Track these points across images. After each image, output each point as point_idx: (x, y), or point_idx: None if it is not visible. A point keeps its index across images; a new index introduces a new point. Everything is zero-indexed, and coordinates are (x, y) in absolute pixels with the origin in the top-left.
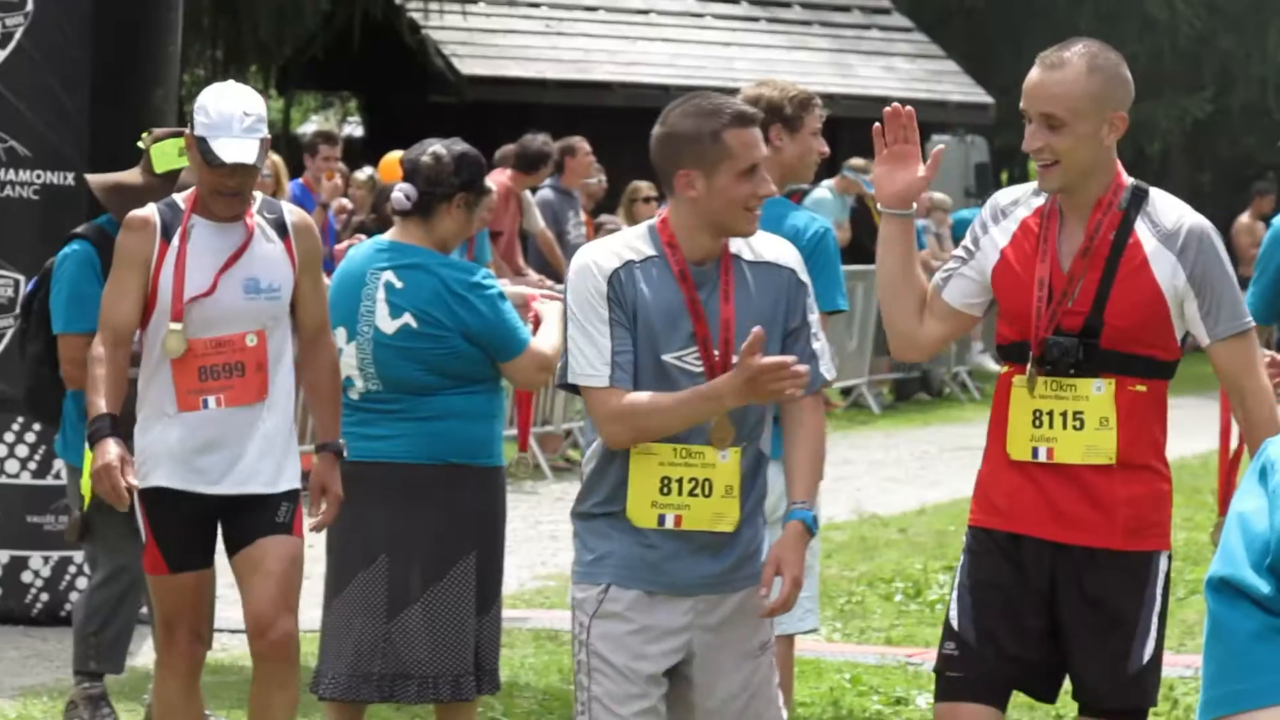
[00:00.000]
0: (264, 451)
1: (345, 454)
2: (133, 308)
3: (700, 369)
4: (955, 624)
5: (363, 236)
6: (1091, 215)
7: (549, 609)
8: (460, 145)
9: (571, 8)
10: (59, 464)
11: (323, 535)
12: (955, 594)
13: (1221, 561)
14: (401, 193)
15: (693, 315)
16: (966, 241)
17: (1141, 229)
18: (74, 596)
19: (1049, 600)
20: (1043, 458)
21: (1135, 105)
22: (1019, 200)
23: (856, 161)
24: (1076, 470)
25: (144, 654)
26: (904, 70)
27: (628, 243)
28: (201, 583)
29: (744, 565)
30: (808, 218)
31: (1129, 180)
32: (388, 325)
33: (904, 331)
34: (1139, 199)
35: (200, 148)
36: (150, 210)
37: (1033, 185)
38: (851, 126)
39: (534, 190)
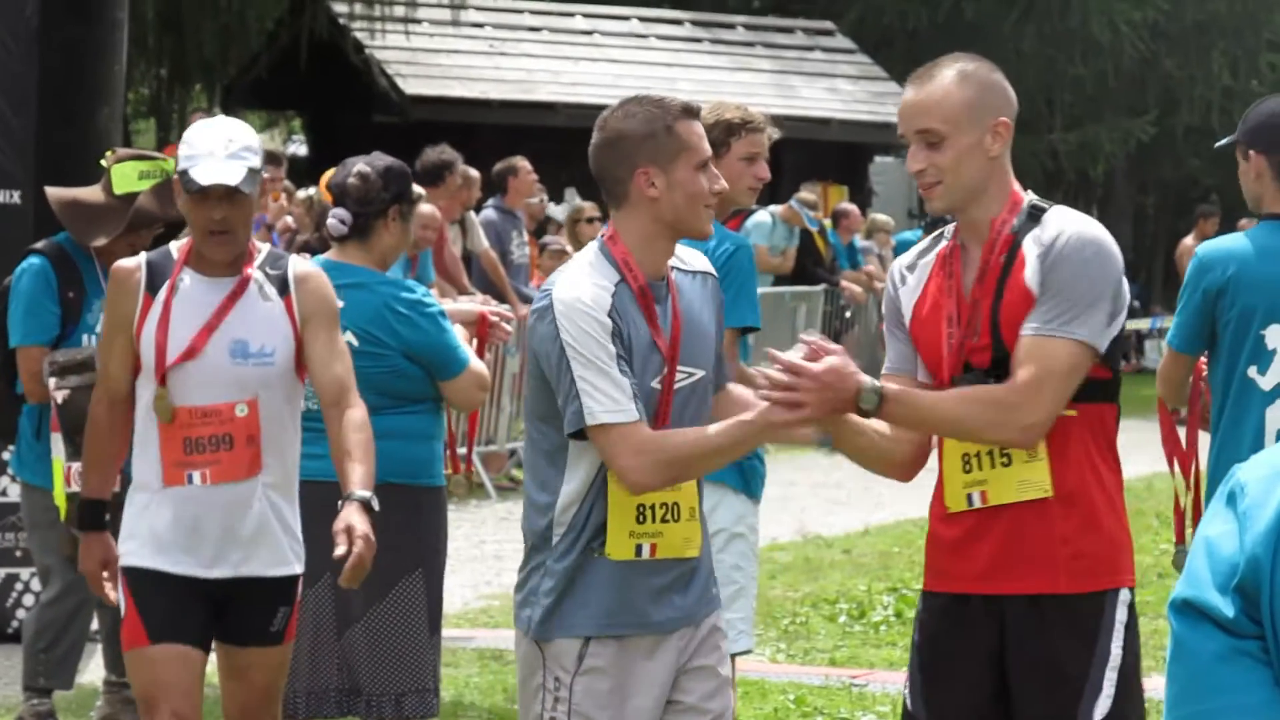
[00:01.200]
0: (258, 535)
1: (375, 508)
2: (121, 367)
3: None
4: (909, 704)
5: (306, 255)
6: (987, 239)
7: (493, 628)
8: (383, 159)
9: (515, 28)
10: (5, 480)
11: None
12: (908, 669)
13: (1186, 584)
14: (335, 218)
15: (657, 335)
16: (886, 313)
17: (1028, 247)
18: (21, 613)
19: (1000, 661)
20: (978, 503)
21: (1079, 128)
22: (922, 251)
23: (806, 196)
24: (1013, 511)
25: (92, 670)
26: (847, 91)
27: (593, 272)
28: (188, 662)
29: (706, 592)
30: (719, 235)
31: (1028, 199)
32: None
33: (905, 461)
34: (1035, 218)
35: (181, 180)
36: (137, 261)
37: (931, 237)
38: (794, 147)
39: (478, 209)
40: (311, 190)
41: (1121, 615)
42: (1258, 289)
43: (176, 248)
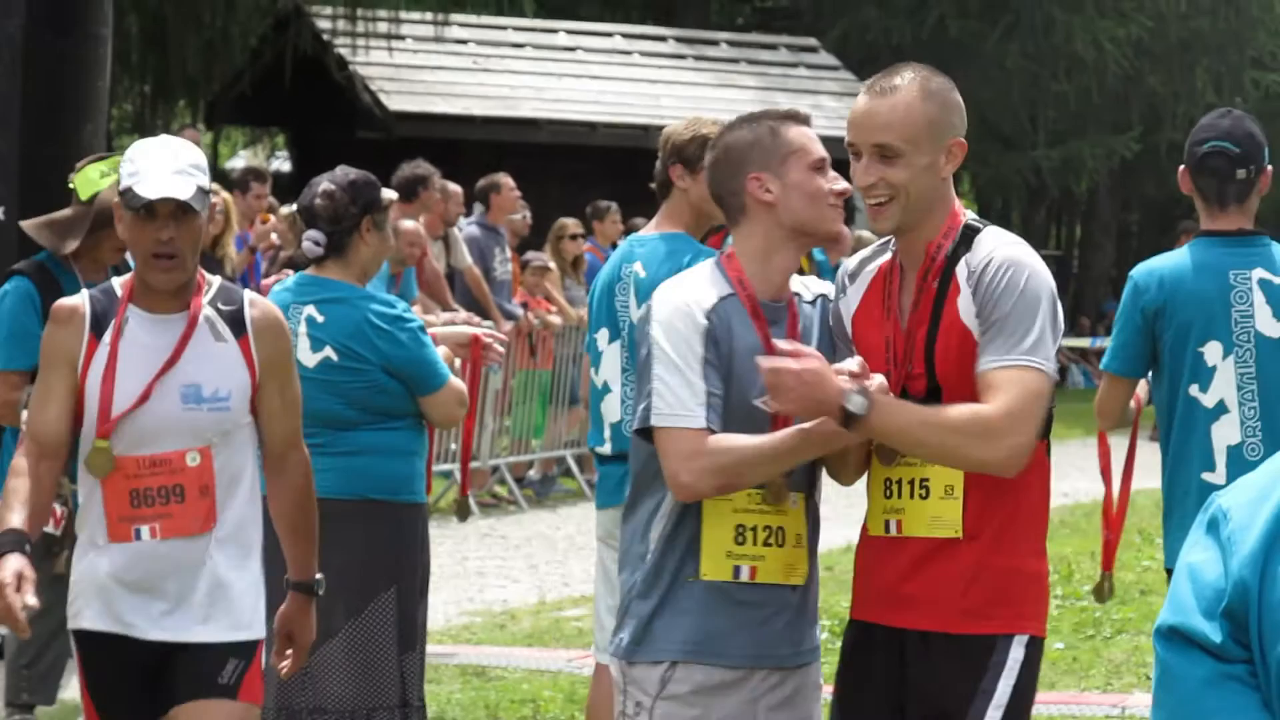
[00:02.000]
0: (213, 594)
1: (320, 593)
2: (59, 415)
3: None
4: None
5: (290, 272)
6: (921, 264)
7: (476, 645)
8: (349, 173)
9: (498, 44)
10: None
11: None
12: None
13: (1171, 610)
14: (310, 241)
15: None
16: (832, 321)
17: (960, 272)
18: (3, 630)
19: (900, 694)
20: (894, 531)
21: (1063, 144)
22: (867, 259)
23: None
24: (922, 545)
25: (74, 686)
26: (831, 108)
27: (704, 280)
28: None
29: (805, 636)
30: (694, 251)
31: (965, 219)
32: (309, 359)
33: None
34: (968, 239)
35: (123, 200)
36: (80, 299)
37: (878, 244)
38: None
39: (461, 226)
40: (294, 206)
41: (1017, 655)
42: (1193, 306)
43: (120, 284)
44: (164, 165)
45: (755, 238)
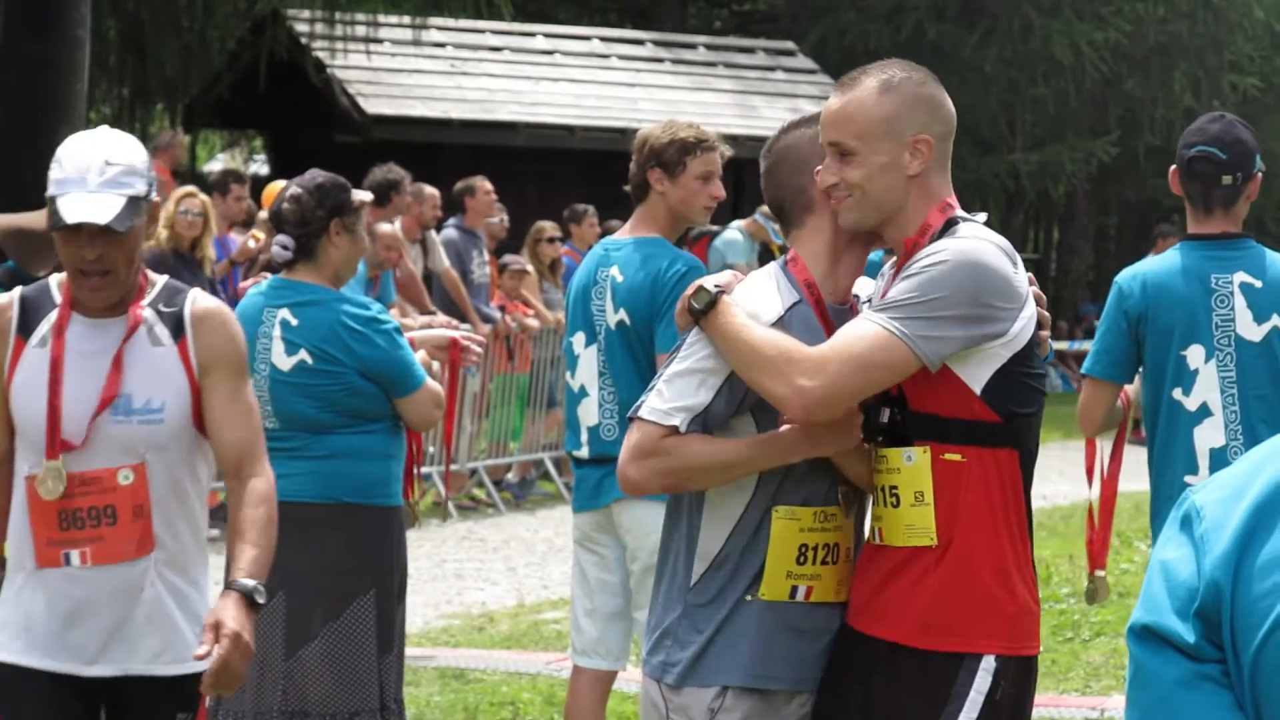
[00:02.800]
0: (151, 625)
1: (260, 601)
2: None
3: None
4: None
5: (267, 274)
6: (899, 263)
7: (454, 647)
8: (317, 176)
9: (476, 48)
10: None
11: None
12: None
13: (1144, 609)
14: (278, 245)
15: None
16: None
17: None
18: None
19: (866, 708)
20: (877, 539)
21: (1040, 148)
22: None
23: (768, 209)
24: (896, 553)
25: None
26: (808, 112)
27: (773, 285)
28: None
29: None
30: (671, 256)
31: (951, 215)
32: (283, 362)
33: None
34: (940, 237)
35: (49, 209)
36: (8, 297)
37: None
38: (755, 167)
39: (439, 228)
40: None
41: (981, 684)
42: (1176, 310)
43: (58, 283)
44: (90, 176)
45: (823, 233)
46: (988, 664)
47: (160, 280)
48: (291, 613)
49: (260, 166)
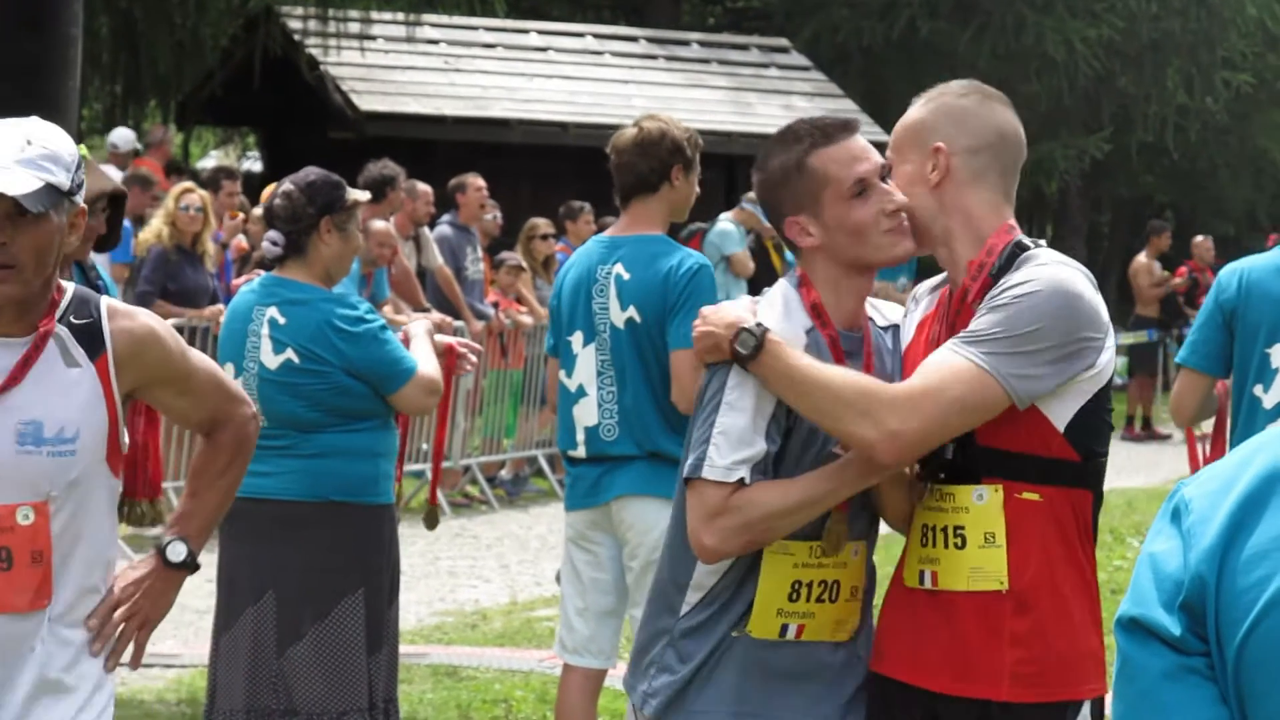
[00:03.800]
0: (44, 688)
1: (178, 562)
2: None
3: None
4: None
5: (260, 272)
6: (961, 284)
7: (448, 645)
8: (311, 174)
9: (470, 45)
10: None
11: (213, 568)
12: None
13: (1132, 601)
14: (269, 241)
15: None
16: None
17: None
18: None
19: None
20: (928, 583)
21: (1033, 145)
22: (935, 286)
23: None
24: (962, 600)
25: None
26: (802, 109)
27: (788, 316)
28: None
29: (852, 699)
30: (680, 255)
31: (1016, 237)
32: (271, 361)
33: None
34: (1014, 259)
35: None
36: None
37: None
38: (749, 164)
39: (432, 225)
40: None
41: None
42: (1265, 306)
43: None
44: (8, 152)
45: (817, 273)
46: (1085, 713)
47: (70, 288)
48: (282, 611)
49: (254, 164)
